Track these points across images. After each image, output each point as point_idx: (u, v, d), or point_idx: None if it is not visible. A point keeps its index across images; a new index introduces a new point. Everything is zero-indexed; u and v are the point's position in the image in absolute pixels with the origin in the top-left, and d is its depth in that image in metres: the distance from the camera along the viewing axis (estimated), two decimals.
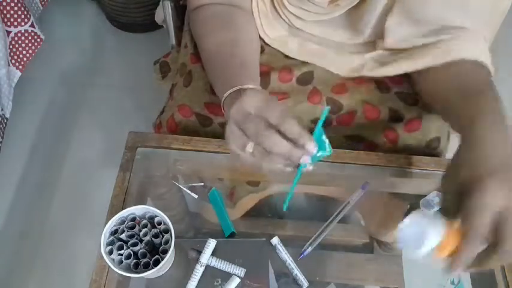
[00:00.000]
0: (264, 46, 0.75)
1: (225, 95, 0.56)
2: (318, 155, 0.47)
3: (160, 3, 0.86)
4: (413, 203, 0.68)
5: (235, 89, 0.55)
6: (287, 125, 0.46)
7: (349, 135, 0.70)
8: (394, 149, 0.68)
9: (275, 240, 0.62)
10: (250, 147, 0.48)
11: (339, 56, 0.73)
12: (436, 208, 0.65)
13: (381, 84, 0.71)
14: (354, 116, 0.70)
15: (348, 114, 0.70)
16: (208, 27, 0.69)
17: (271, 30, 0.74)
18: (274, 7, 0.72)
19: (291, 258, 0.61)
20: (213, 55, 0.67)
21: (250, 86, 0.54)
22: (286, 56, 0.75)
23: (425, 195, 0.66)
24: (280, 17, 0.73)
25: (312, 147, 0.45)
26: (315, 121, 0.71)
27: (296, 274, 0.60)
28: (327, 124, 0.71)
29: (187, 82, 0.73)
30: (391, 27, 0.64)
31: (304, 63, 0.73)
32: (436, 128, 0.68)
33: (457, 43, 0.60)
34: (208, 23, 0.69)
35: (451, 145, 0.74)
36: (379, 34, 0.67)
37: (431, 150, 0.69)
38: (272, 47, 0.75)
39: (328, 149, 0.47)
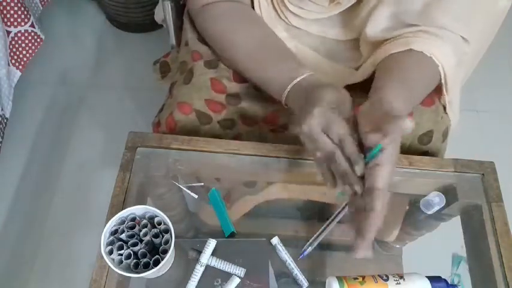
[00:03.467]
0: None
1: (285, 92, 0.60)
2: None
3: (160, 2, 0.86)
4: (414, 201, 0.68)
5: (295, 81, 0.59)
6: (347, 144, 0.51)
7: None
8: None
9: (275, 240, 0.62)
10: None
11: (331, 67, 0.74)
12: (436, 208, 0.65)
13: (368, 89, 0.71)
14: None
15: None
16: (230, 25, 0.69)
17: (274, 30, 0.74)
18: (274, 7, 0.73)
19: (291, 258, 0.61)
20: (250, 54, 0.67)
21: (306, 74, 0.59)
22: None
23: (425, 195, 0.67)
24: (279, 17, 0.73)
25: (358, 169, 0.50)
26: None
27: (296, 274, 0.60)
28: None
29: (187, 79, 0.73)
30: (376, 16, 0.65)
31: None
32: (427, 121, 0.68)
33: (423, 36, 0.62)
34: (228, 20, 0.69)
35: (452, 145, 0.74)
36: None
37: (424, 145, 0.69)
38: None
39: None
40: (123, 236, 0.54)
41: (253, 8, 0.73)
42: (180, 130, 0.71)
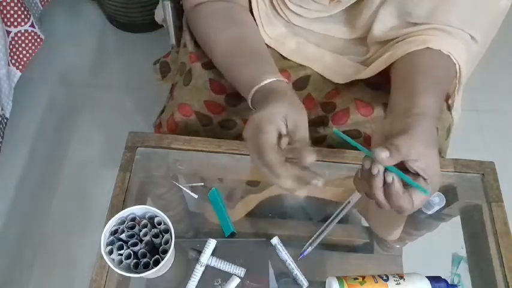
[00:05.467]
0: None
1: (250, 95, 0.59)
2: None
3: (160, 2, 0.86)
4: None
5: (256, 87, 0.58)
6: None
7: (347, 131, 0.70)
8: None
9: (275, 240, 0.62)
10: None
11: (334, 60, 0.73)
12: (436, 208, 0.65)
13: (372, 83, 0.71)
14: (347, 112, 0.70)
15: (342, 112, 0.70)
16: (213, 26, 0.69)
17: (271, 28, 0.74)
18: (273, 5, 0.73)
19: (291, 258, 0.61)
20: (226, 54, 0.67)
21: (269, 80, 0.58)
22: (284, 57, 0.75)
23: None
24: (279, 15, 0.73)
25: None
26: (310, 122, 0.71)
27: (296, 274, 0.60)
28: (324, 124, 0.72)
29: (187, 81, 0.73)
30: (382, 17, 0.65)
31: (301, 66, 0.74)
32: None
33: (437, 34, 0.62)
34: (212, 21, 0.70)
35: (451, 145, 0.74)
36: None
37: None
38: (270, 47, 0.75)
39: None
40: (123, 236, 0.54)
41: (250, 7, 0.73)
42: (180, 131, 0.71)
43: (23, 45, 1.22)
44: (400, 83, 0.60)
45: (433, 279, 0.55)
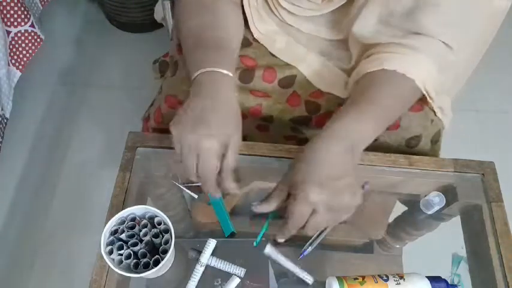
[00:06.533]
0: (251, 40, 0.75)
1: (194, 75, 0.58)
2: None
3: (160, 1, 0.87)
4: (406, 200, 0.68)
5: (202, 70, 0.58)
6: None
7: None
8: (374, 148, 0.67)
9: (268, 249, 0.62)
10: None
11: (320, 63, 0.74)
12: (436, 208, 0.65)
13: None
14: (331, 116, 0.70)
15: (326, 114, 0.71)
16: (189, 12, 0.68)
17: (262, 24, 0.74)
18: (266, 2, 0.73)
19: (291, 258, 0.61)
20: (190, 38, 0.66)
21: (223, 71, 0.58)
22: (272, 55, 0.75)
23: (425, 195, 0.67)
24: (273, 12, 0.74)
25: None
26: (293, 120, 0.72)
27: (297, 273, 0.60)
28: (308, 122, 0.72)
29: (173, 72, 0.74)
30: (364, 15, 0.64)
31: (288, 65, 0.73)
32: (415, 126, 0.68)
33: (398, 51, 0.61)
34: (190, 7, 0.69)
35: (444, 145, 0.74)
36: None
37: (411, 148, 0.69)
38: (259, 42, 0.75)
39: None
40: (123, 236, 0.54)
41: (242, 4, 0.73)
42: (168, 123, 0.71)
43: (23, 45, 1.22)
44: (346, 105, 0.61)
45: (433, 279, 0.55)
